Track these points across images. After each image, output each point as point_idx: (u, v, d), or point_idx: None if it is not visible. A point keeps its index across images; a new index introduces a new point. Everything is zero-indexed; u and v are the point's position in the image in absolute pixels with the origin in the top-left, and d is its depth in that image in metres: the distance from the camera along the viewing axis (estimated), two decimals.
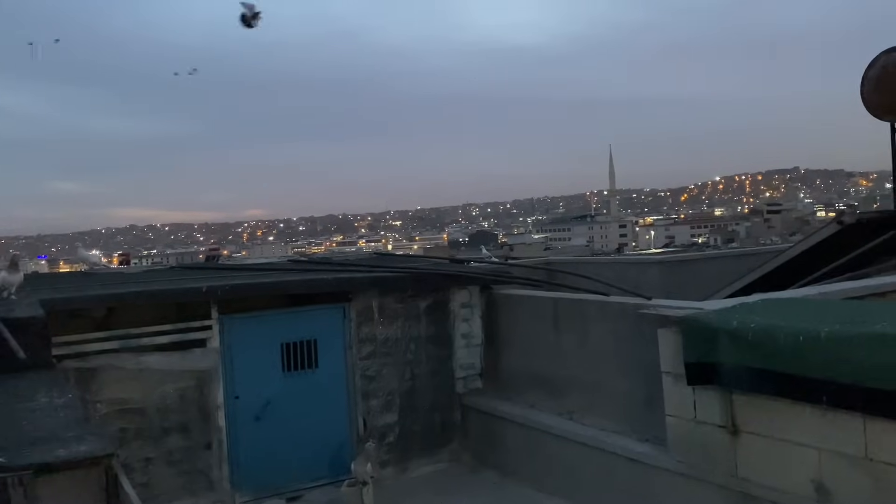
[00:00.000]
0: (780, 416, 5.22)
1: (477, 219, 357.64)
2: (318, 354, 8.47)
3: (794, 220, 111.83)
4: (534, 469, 8.06)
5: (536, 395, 8.41)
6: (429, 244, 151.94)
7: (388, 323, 8.79)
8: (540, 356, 8.43)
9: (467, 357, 9.29)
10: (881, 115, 10.21)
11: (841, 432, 4.86)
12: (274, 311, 8.34)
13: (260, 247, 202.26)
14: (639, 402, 6.89)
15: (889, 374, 4.42)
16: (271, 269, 9.65)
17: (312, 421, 8.38)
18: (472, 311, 9.35)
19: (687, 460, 6.04)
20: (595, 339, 7.65)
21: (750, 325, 5.24)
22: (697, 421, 5.90)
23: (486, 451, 8.85)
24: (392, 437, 8.74)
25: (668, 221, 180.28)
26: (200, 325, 7.85)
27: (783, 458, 5.25)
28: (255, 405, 8.13)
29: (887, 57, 9.94)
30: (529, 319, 8.71)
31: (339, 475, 8.06)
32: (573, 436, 7.49)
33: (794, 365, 4.92)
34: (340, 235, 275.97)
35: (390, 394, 8.76)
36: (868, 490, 4.74)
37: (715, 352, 5.45)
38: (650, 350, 6.35)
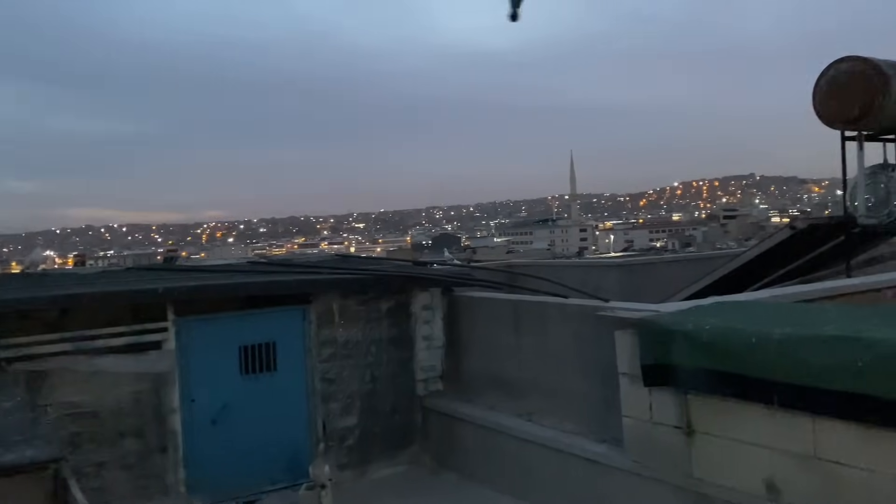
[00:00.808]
0: (734, 417, 5.33)
1: (440, 222, 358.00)
2: (276, 357, 8.38)
3: (749, 226, 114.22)
4: (493, 470, 8.09)
5: (496, 397, 8.44)
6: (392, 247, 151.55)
7: (349, 325, 8.75)
8: (500, 358, 8.47)
9: (428, 359, 9.29)
10: (832, 124, 10.46)
11: (791, 432, 4.97)
12: (232, 313, 8.23)
13: (220, 248, 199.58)
14: (597, 403, 6.96)
15: (837, 374, 4.54)
16: (230, 270, 9.52)
17: (271, 424, 8.29)
18: (433, 313, 9.36)
19: (643, 461, 6.12)
20: (554, 341, 7.71)
21: (704, 327, 5.33)
22: (653, 422, 5.98)
23: (447, 453, 8.85)
24: (352, 439, 8.69)
25: (628, 226, 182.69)
26: (156, 327, 7.71)
27: (736, 458, 5.35)
28: (211, 408, 8.01)
29: (837, 67, 10.19)
30: (490, 321, 8.75)
31: (298, 479, 7.99)
32: (532, 437, 7.54)
33: (747, 366, 5.02)
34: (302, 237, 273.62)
35: (350, 396, 8.72)
36: (816, 488, 4.86)
37: (670, 354, 5.54)
38: (608, 352, 6.43)
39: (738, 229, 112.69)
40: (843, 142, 10.69)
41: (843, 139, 10.67)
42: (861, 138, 10.47)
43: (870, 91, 9.81)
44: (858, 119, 10.05)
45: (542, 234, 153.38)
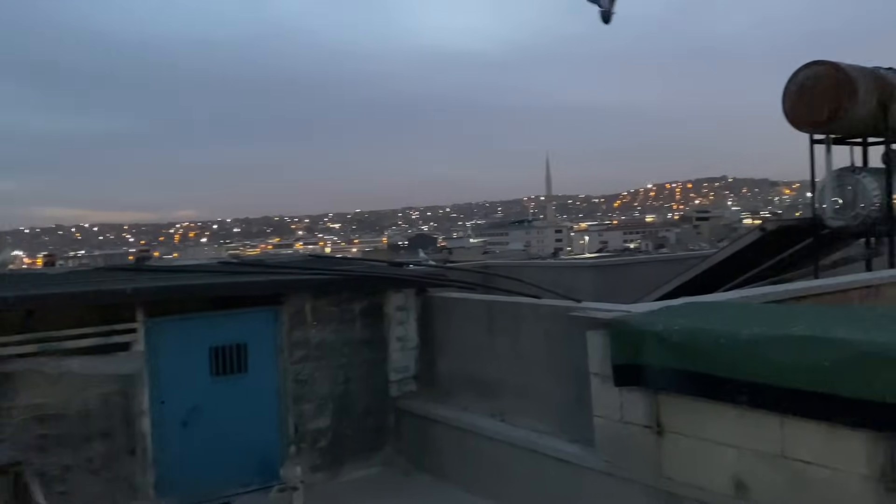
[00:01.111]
0: (703, 416, 5.38)
1: (417, 222, 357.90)
2: (248, 358, 8.31)
3: (721, 227, 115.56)
4: (466, 471, 8.09)
5: (470, 398, 8.44)
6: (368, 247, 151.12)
7: (322, 326, 8.69)
8: (474, 358, 8.47)
9: (402, 360, 9.27)
10: (801, 127, 10.64)
11: (759, 431, 5.03)
12: (203, 313, 8.14)
13: (192, 248, 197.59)
14: (569, 403, 6.99)
15: (803, 374, 4.60)
16: (200, 270, 9.41)
17: (242, 426, 8.21)
18: (407, 314, 9.33)
19: (614, 460, 6.16)
20: (527, 341, 7.73)
21: (674, 327, 5.38)
22: (624, 421, 6.02)
23: (420, 455, 8.83)
24: (324, 441, 8.64)
25: (602, 227, 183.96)
26: (125, 328, 7.60)
27: (705, 457, 5.40)
28: (181, 410, 7.92)
29: (806, 71, 10.36)
30: (464, 322, 8.75)
31: (269, 481, 7.92)
32: (504, 437, 7.55)
33: (716, 366, 5.07)
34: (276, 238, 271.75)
35: (323, 398, 8.66)
36: (784, 487, 4.92)
37: (641, 353, 5.58)
38: (580, 352, 6.45)
39: (710, 231, 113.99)
40: (812, 145, 10.88)
41: (812, 142, 10.87)
42: (829, 142, 10.67)
43: (838, 96, 10.00)
44: (826, 123, 10.24)
45: (517, 234, 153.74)
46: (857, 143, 11.62)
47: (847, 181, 10.68)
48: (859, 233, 11.11)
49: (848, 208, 10.57)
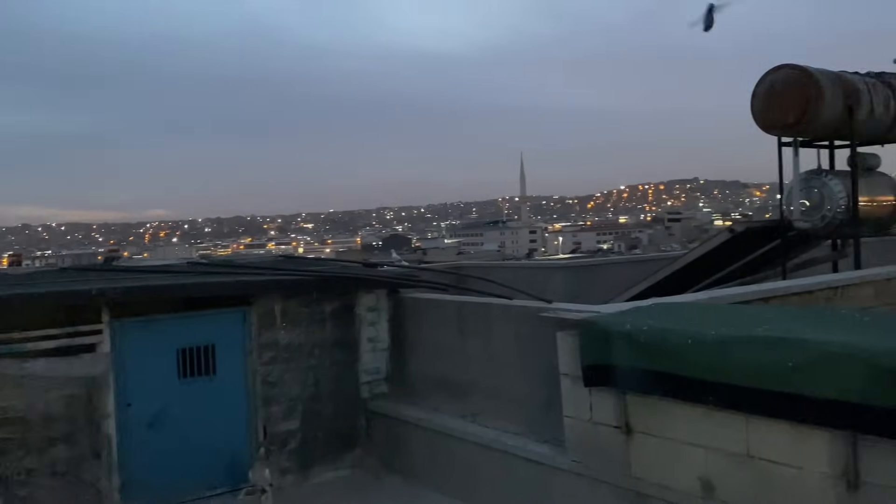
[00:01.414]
0: (671, 416, 5.41)
1: (391, 222, 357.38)
2: (216, 360, 8.20)
3: (693, 228, 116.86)
4: (438, 473, 8.06)
5: (441, 399, 8.42)
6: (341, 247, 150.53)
7: (291, 327, 8.61)
8: (445, 359, 8.45)
9: (373, 362, 9.22)
10: (769, 130, 10.75)
11: (726, 431, 5.07)
12: (170, 315, 8.02)
13: (163, 248, 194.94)
14: (539, 403, 6.99)
15: (768, 375, 4.64)
16: (168, 271, 9.28)
17: (210, 428, 8.11)
18: (378, 315, 9.29)
19: (583, 460, 6.18)
20: (498, 342, 7.73)
21: (642, 328, 5.40)
22: (594, 422, 6.04)
23: (391, 456, 8.79)
24: (293, 443, 8.56)
25: (576, 228, 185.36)
26: (90, 330, 7.48)
27: (673, 457, 5.43)
28: (148, 413, 7.80)
29: (774, 75, 10.48)
30: (435, 323, 8.72)
31: (238, 484, 7.84)
32: (475, 438, 7.54)
33: (683, 366, 5.10)
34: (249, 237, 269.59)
35: (292, 400, 8.58)
36: (749, 486, 4.96)
37: (610, 354, 5.59)
38: (550, 353, 6.46)
39: (682, 232, 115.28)
40: (780, 148, 11.01)
41: (780, 145, 11.00)
42: (796, 144, 10.80)
43: (805, 99, 10.13)
44: (794, 126, 10.36)
45: (492, 235, 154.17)
46: (825, 146, 11.77)
47: (814, 184, 10.82)
48: (826, 235, 11.26)
49: (815, 210, 10.71)
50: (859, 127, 10.62)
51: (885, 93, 10.99)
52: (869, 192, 10.96)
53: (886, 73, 11.50)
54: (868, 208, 10.89)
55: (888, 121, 11.04)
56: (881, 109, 10.87)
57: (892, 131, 11.20)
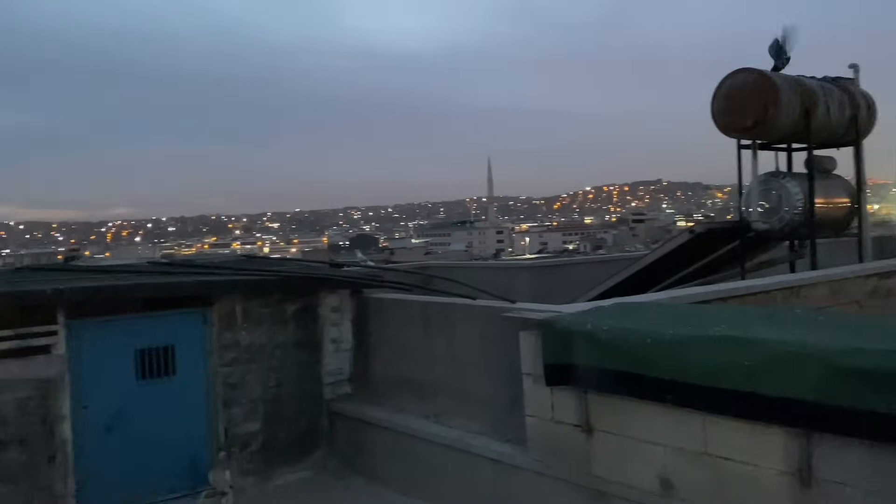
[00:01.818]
0: (630, 415, 5.46)
1: (358, 222, 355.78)
2: (175, 361, 8.09)
3: (656, 229, 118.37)
4: (401, 473, 8.04)
5: (405, 399, 8.40)
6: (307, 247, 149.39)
7: (253, 328, 8.52)
8: (409, 360, 8.43)
9: (336, 362, 9.16)
10: (728, 133, 10.93)
11: (684, 429, 5.13)
12: (128, 315, 7.88)
13: (126, 248, 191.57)
14: (503, 403, 7.01)
15: (725, 373, 4.71)
16: (127, 270, 9.11)
17: (169, 430, 7.99)
18: (341, 315, 9.24)
19: (545, 459, 6.20)
20: (462, 342, 7.73)
21: (603, 327, 5.45)
22: (555, 421, 6.07)
23: (354, 457, 8.75)
24: (255, 445, 8.47)
25: (543, 228, 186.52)
26: (45, 331, 7.31)
27: (632, 455, 5.48)
28: (105, 415, 7.66)
29: (733, 78, 10.65)
30: (400, 323, 8.70)
31: (198, 486, 7.74)
32: (439, 438, 7.53)
33: (643, 366, 5.15)
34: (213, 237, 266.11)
35: (254, 401, 8.49)
36: (707, 483, 5.03)
37: (571, 353, 5.63)
38: (514, 353, 6.48)
39: (646, 233, 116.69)
40: (739, 150, 11.20)
41: (739, 148, 11.19)
42: (755, 147, 11.00)
43: (762, 102, 10.32)
44: (752, 129, 10.55)
45: (459, 235, 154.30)
46: (782, 149, 12.01)
47: (772, 186, 11.02)
48: (783, 236, 11.48)
49: (773, 212, 10.91)
50: (816, 130, 10.85)
51: (841, 97, 11.24)
52: (825, 195, 11.20)
53: (842, 77, 11.77)
54: (824, 210, 11.12)
55: (843, 125, 11.30)
56: (837, 113, 11.11)
57: (847, 134, 11.46)
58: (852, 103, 11.31)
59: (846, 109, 11.22)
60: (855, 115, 11.31)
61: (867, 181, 12.08)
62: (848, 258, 11.26)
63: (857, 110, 11.34)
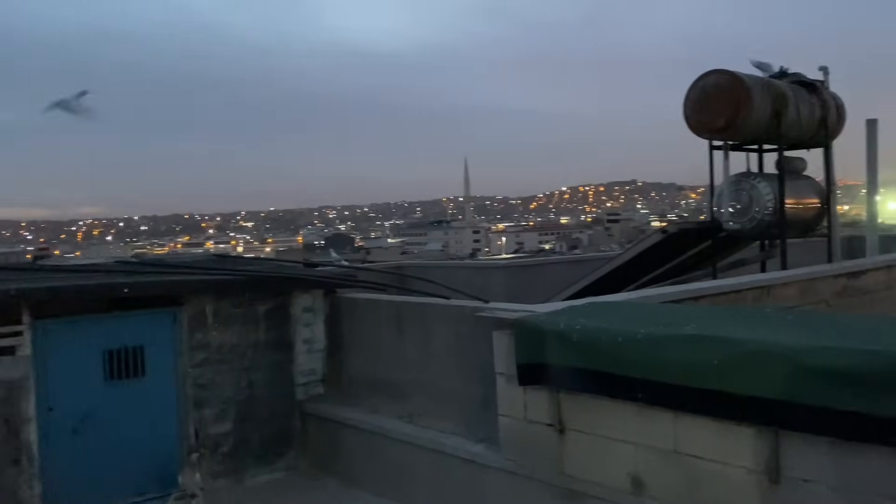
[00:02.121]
0: (602, 414, 5.47)
1: (333, 221, 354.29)
2: (145, 362, 7.96)
3: (631, 229, 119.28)
4: (374, 474, 8.00)
5: (379, 400, 8.35)
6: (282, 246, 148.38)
7: (224, 328, 8.42)
8: (383, 360, 8.39)
9: (309, 363, 9.08)
10: (701, 134, 11.02)
11: (655, 428, 5.15)
12: (96, 315, 7.75)
13: (97, 247, 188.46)
14: (476, 403, 7.00)
15: (695, 372, 4.73)
16: (95, 270, 8.95)
17: (138, 432, 7.87)
18: (314, 315, 9.16)
19: (517, 459, 6.20)
20: (436, 342, 7.70)
21: (575, 327, 5.45)
22: (528, 420, 6.07)
23: (327, 458, 8.68)
24: (226, 446, 8.37)
25: (519, 228, 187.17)
26: (9, 332, 7.16)
27: (604, 454, 5.49)
28: (72, 417, 7.52)
29: (706, 80, 10.74)
30: (373, 324, 8.65)
31: (168, 488, 7.61)
32: (412, 439, 7.50)
33: (614, 365, 5.16)
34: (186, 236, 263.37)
35: (225, 402, 8.39)
36: (677, 481, 5.05)
37: (544, 353, 5.63)
38: (487, 352, 6.47)
39: (620, 233, 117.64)
40: (711, 151, 11.30)
41: (711, 148, 11.28)
42: (727, 148, 11.09)
43: (734, 104, 10.41)
44: (724, 130, 10.64)
45: (436, 235, 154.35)
46: (753, 150, 12.14)
47: (743, 186, 11.13)
48: (754, 236, 11.61)
49: (744, 212, 11.01)
50: (786, 131, 10.97)
51: (811, 99, 11.38)
52: (795, 195, 11.33)
53: (812, 79, 11.91)
54: (794, 210, 11.25)
55: (813, 126, 11.44)
56: (807, 115, 11.25)
57: (817, 136, 11.60)
58: (822, 105, 11.46)
59: (816, 111, 11.36)
60: (824, 117, 11.45)
61: (837, 182, 12.25)
62: (817, 258, 11.41)
63: (826, 112, 11.48)
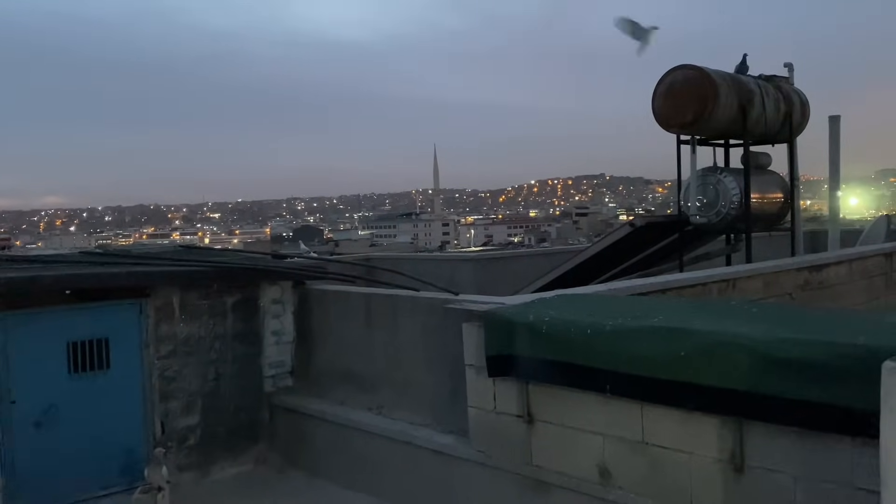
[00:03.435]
0: (570, 405, 5.52)
1: (302, 213, 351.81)
2: (110, 354, 7.84)
3: (599, 223, 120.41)
4: (343, 467, 7.98)
5: (348, 392, 8.33)
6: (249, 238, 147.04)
7: (191, 320, 8.32)
8: (352, 352, 8.36)
9: (277, 355, 9.02)
10: (669, 128, 11.13)
11: (622, 419, 5.21)
12: (59, 307, 7.59)
13: (59, 237, 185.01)
14: (445, 395, 7.01)
15: (662, 363, 4.79)
16: (58, 261, 8.77)
17: (103, 425, 7.75)
18: (283, 307, 9.09)
19: (487, 450, 6.23)
20: (405, 334, 7.70)
21: (544, 318, 5.49)
22: (497, 412, 6.10)
23: (295, 451, 8.64)
24: (193, 439, 8.29)
25: (488, 221, 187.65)
26: None
27: (572, 445, 5.55)
28: (35, 410, 7.38)
29: (674, 74, 10.85)
30: (342, 315, 8.62)
31: (133, 482, 7.50)
32: (381, 430, 7.50)
33: (583, 356, 5.20)
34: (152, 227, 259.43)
35: (192, 395, 8.30)
36: (644, 472, 5.12)
37: (513, 344, 5.66)
38: (457, 344, 6.48)
39: (588, 226, 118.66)
40: (679, 145, 11.42)
41: (679, 143, 11.41)
42: (694, 142, 11.22)
43: (702, 98, 10.53)
44: (692, 124, 10.76)
45: (405, 227, 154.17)
46: (720, 145, 12.30)
47: (710, 181, 11.28)
48: (720, 230, 11.78)
49: (710, 206, 11.16)
50: (752, 127, 11.14)
51: (776, 95, 11.56)
52: (760, 190, 11.51)
53: (777, 76, 12.10)
54: (759, 205, 11.44)
55: (778, 122, 11.63)
56: (772, 110, 11.43)
57: (782, 131, 11.80)
58: (787, 101, 11.65)
59: (781, 107, 11.55)
60: (789, 113, 11.65)
61: (800, 177, 12.47)
62: (781, 252, 11.62)
63: (791, 108, 11.68)
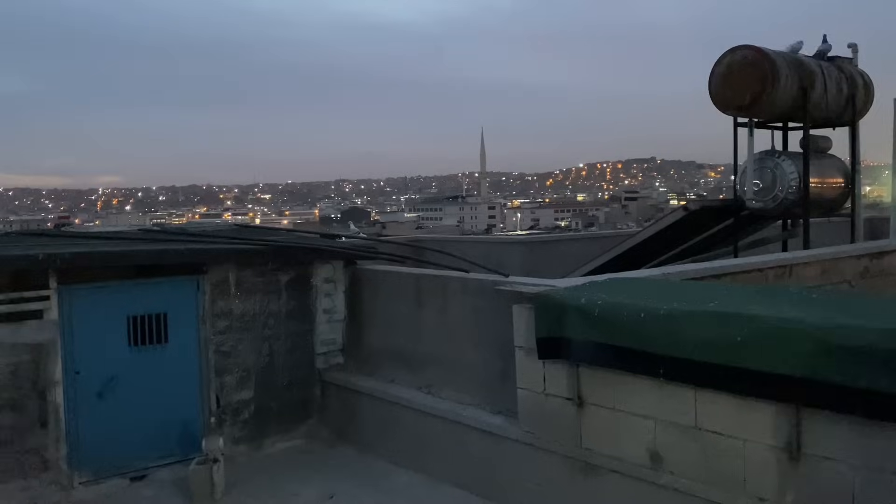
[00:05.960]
0: (622, 389, 5.50)
1: (350, 195, 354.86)
2: (168, 328, 8.07)
3: (648, 207, 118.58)
4: (391, 443, 8.10)
5: (397, 370, 8.43)
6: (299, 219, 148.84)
7: (246, 297, 8.51)
8: (402, 331, 8.45)
9: (329, 333, 9.17)
10: (726, 111, 10.89)
11: (675, 404, 5.18)
12: (120, 282, 7.84)
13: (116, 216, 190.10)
14: (494, 375, 7.05)
15: (717, 348, 4.74)
16: (119, 237, 9.04)
17: (161, 397, 8.00)
18: (335, 286, 9.22)
19: (535, 431, 6.26)
20: (454, 314, 7.74)
21: (597, 302, 5.46)
22: (547, 393, 6.11)
23: (345, 427, 8.80)
24: (247, 413, 8.50)
25: (535, 205, 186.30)
26: (37, 296, 7.28)
27: (623, 428, 5.53)
28: (97, 381, 7.66)
29: (732, 55, 10.59)
30: (392, 295, 8.70)
31: (189, 453, 7.75)
32: (430, 409, 7.57)
33: (636, 340, 5.18)
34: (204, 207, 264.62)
35: (246, 370, 8.50)
36: (696, 457, 5.09)
37: (564, 327, 5.65)
38: (506, 325, 6.51)
39: (638, 211, 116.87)
40: (736, 128, 11.17)
41: (736, 125, 11.16)
42: (751, 125, 10.96)
43: (760, 80, 10.27)
44: (749, 107, 10.51)
45: (451, 210, 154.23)
46: (778, 128, 11.99)
47: (767, 165, 11.02)
48: (777, 215, 11.51)
49: (767, 191, 10.91)
50: (812, 110, 10.82)
51: (838, 76, 11.21)
52: (819, 174, 11.20)
53: (840, 57, 11.72)
54: (818, 190, 11.14)
55: (840, 104, 11.28)
56: (834, 93, 11.09)
57: (844, 114, 11.45)
58: (850, 83, 11.29)
59: (843, 89, 11.20)
60: (852, 95, 11.29)
61: (861, 162, 12.10)
62: (840, 238, 11.31)
63: (854, 90, 11.32)
